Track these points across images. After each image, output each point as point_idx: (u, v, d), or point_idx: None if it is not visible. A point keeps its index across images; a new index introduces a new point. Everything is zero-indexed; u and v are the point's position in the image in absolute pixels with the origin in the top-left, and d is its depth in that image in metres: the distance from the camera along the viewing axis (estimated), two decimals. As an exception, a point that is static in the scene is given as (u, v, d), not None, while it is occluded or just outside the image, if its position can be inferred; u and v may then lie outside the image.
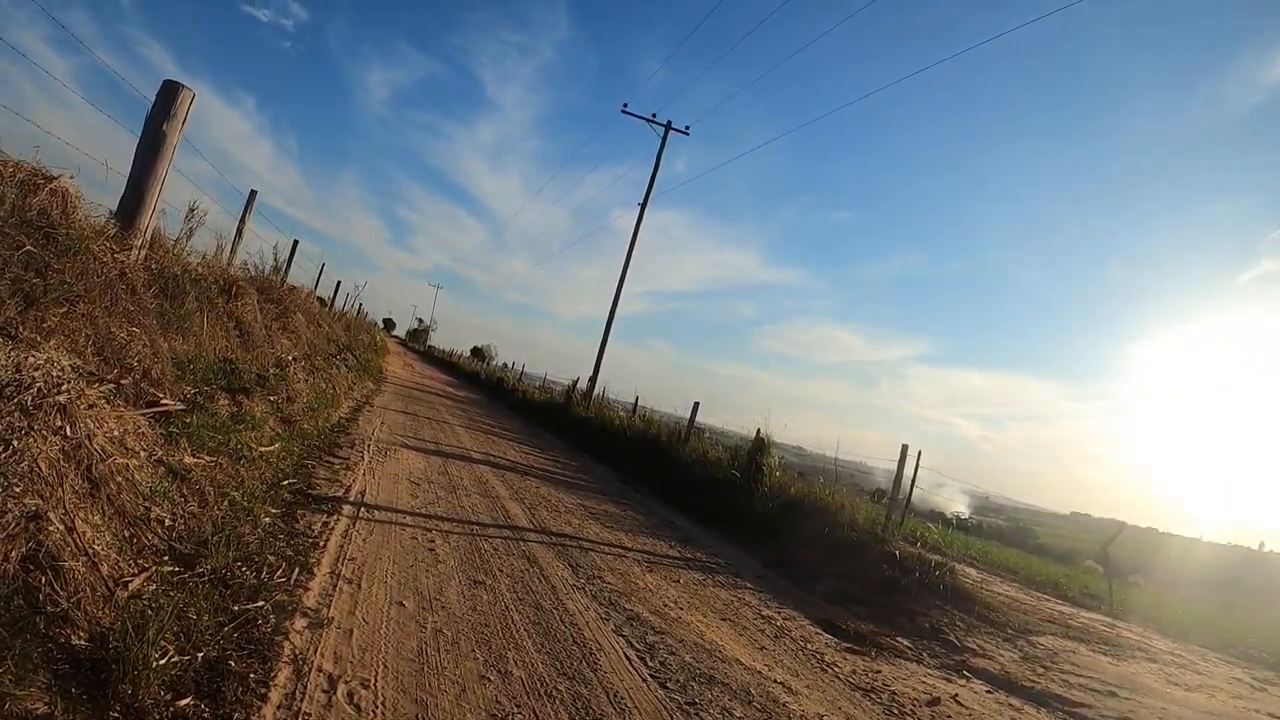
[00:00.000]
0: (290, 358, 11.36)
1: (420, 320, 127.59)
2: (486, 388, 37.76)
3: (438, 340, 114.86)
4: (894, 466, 11.79)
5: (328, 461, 7.49)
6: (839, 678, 5.16)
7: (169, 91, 6.81)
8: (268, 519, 4.99)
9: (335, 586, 4.27)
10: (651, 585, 6.32)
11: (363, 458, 8.19)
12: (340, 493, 6.35)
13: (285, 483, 6.06)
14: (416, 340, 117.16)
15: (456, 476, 8.88)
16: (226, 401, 6.90)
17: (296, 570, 4.28)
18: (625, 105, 28.31)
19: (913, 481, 11.25)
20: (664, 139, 27.88)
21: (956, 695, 5.34)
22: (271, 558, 4.33)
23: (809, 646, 5.76)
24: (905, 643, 6.56)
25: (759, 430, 13.61)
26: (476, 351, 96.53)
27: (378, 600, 4.26)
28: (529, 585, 5.29)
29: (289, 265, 15.18)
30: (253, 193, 11.77)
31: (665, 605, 5.78)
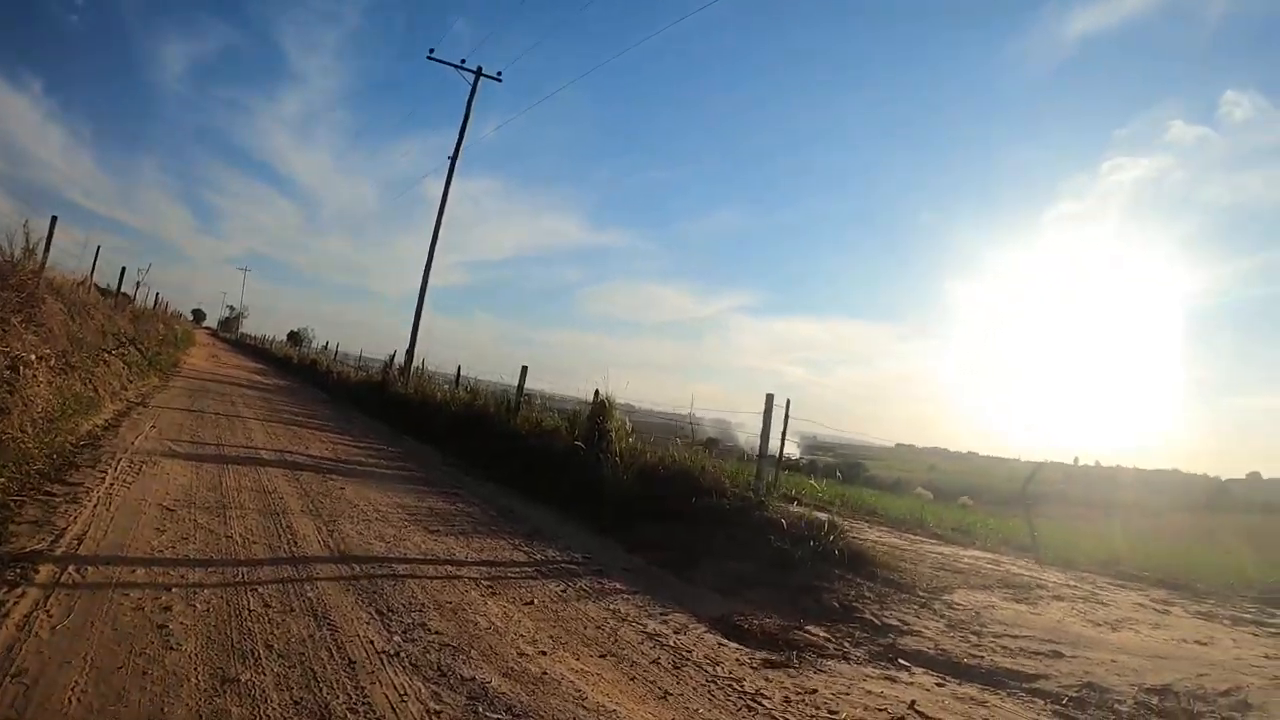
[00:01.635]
0: (33, 356, 9.38)
1: (231, 309, 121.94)
2: (299, 373, 35.28)
3: (253, 327, 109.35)
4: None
5: (47, 493, 5.72)
6: (774, 717, 4.00)
7: None
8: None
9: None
10: (498, 620, 4.89)
11: (103, 479, 6.46)
12: (44, 543, 4.63)
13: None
14: (229, 329, 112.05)
15: (232, 490, 7.16)
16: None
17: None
18: (431, 51, 25.98)
19: (783, 435, 10.19)
20: (474, 86, 25.91)
21: (914, 703, 4.38)
22: None
23: (720, 672, 4.60)
24: (821, 633, 5.60)
25: (597, 391, 12.39)
26: (293, 336, 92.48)
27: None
28: (312, 668, 3.65)
29: (47, 248, 12.84)
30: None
31: (521, 653, 4.37)
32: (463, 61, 26.15)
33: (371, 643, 4.10)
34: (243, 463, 8.61)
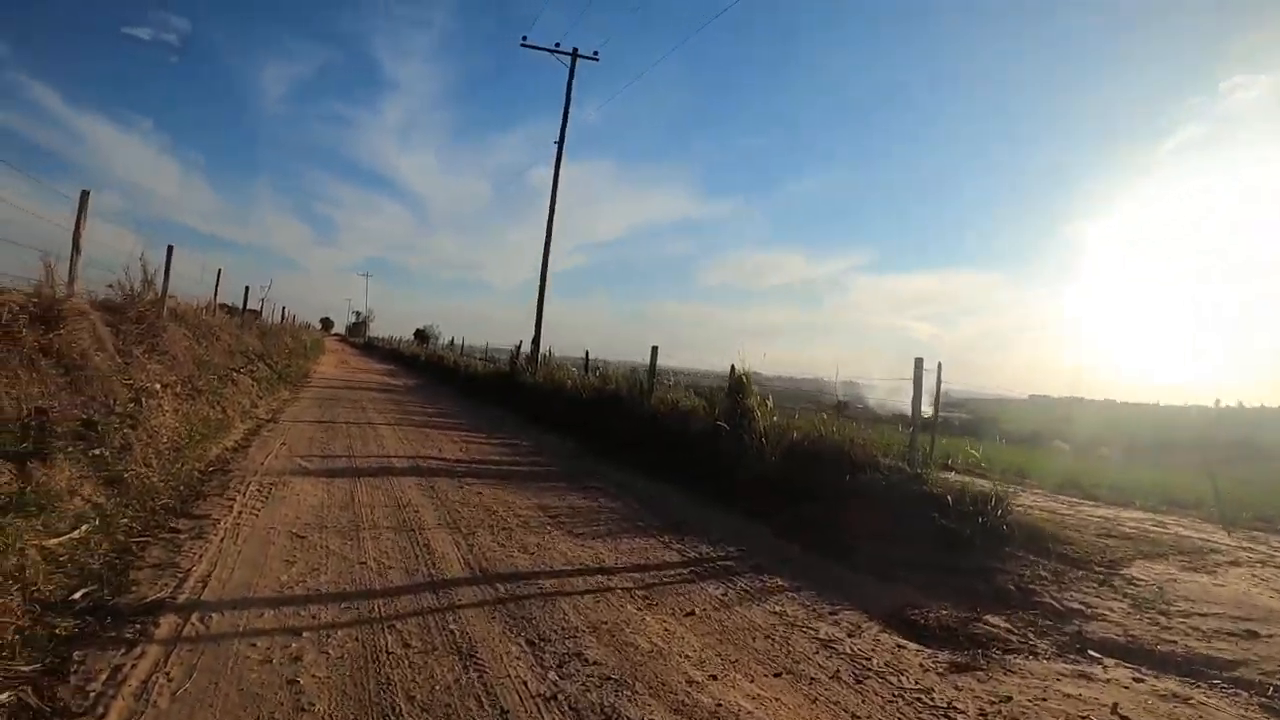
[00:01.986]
0: (158, 385, 9.23)
1: (357, 314, 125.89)
2: (428, 370, 35.48)
3: (379, 330, 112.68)
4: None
5: (172, 529, 5.37)
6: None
7: None
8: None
9: None
10: (659, 639, 4.30)
11: (230, 508, 6.11)
12: (166, 590, 4.23)
13: (79, 593, 4.03)
14: (356, 334, 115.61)
15: (365, 508, 6.72)
16: (7, 474, 4.85)
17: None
18: (524, 39, 25.45)
19: (936, 399, 9.36)
20: (572, 68, 25.30)
21: (1117, 706, 3.86)
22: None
23: (906, 682, 4.02)
24: (1002, 624, 5.06)
25: (733, 368, 11.73)
26: (419, 334, 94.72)
27: None
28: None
29: (167, 276, 12.83)
30: (84, 193, 9.42)
31: (690, 680, 3.78)
32: (557, 45, 25.57)
33: (525, 684, 3.54)
34: (375, 474, 8.23)
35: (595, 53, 25.79)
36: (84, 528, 4.82)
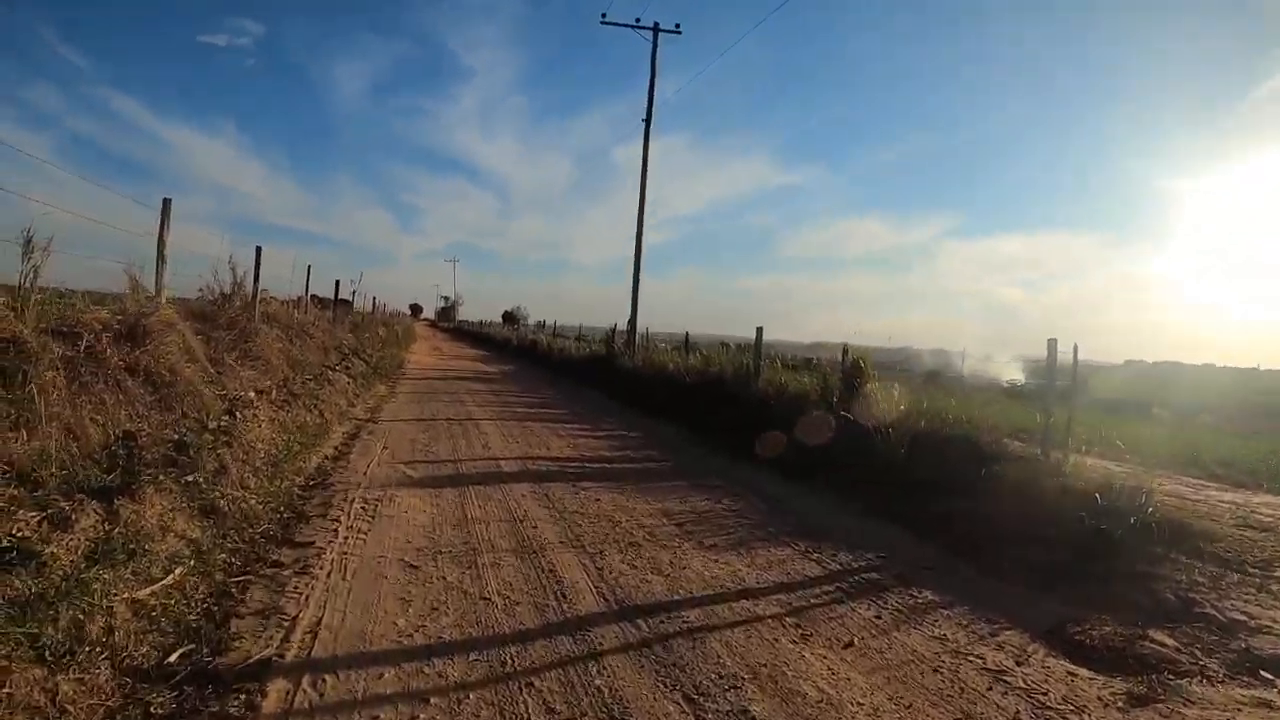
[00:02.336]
0: (252, 394, 8.85)
1: (445, 298, 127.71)
2: (520, 355, 35.20)
3: (467, 313, 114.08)
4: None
5: (275, 563, 4.87)
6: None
7: None
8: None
9: None
10: (824, 682, 3.71)
11: (336, 532, 5.59)
12: (273, 646, 3.69)
13: (176, 654, 3.52)
14: (446, 319, 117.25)
15: (478, 524, 6.13)
16: (94, 515, 4.38)
17: None
18: (604, 16, 24.66)
19: (1074, 379, 8.44)
20: (654, 42, 24.47)
21: None
22: None
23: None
24: (1170, 641, 4.54)
25: (846, 349, 10.98)
26: (508, 316, 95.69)
27: None
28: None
29: (256, 277, 12.52)
30: (166, 201, 9.05)
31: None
32: (637, 20, 24.77)
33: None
34: (483, 481, 7.65)
35: (677, 25, 24.94)
36: (178, 571, 4.33)
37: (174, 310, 8.20)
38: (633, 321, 23.25)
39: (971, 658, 4.17)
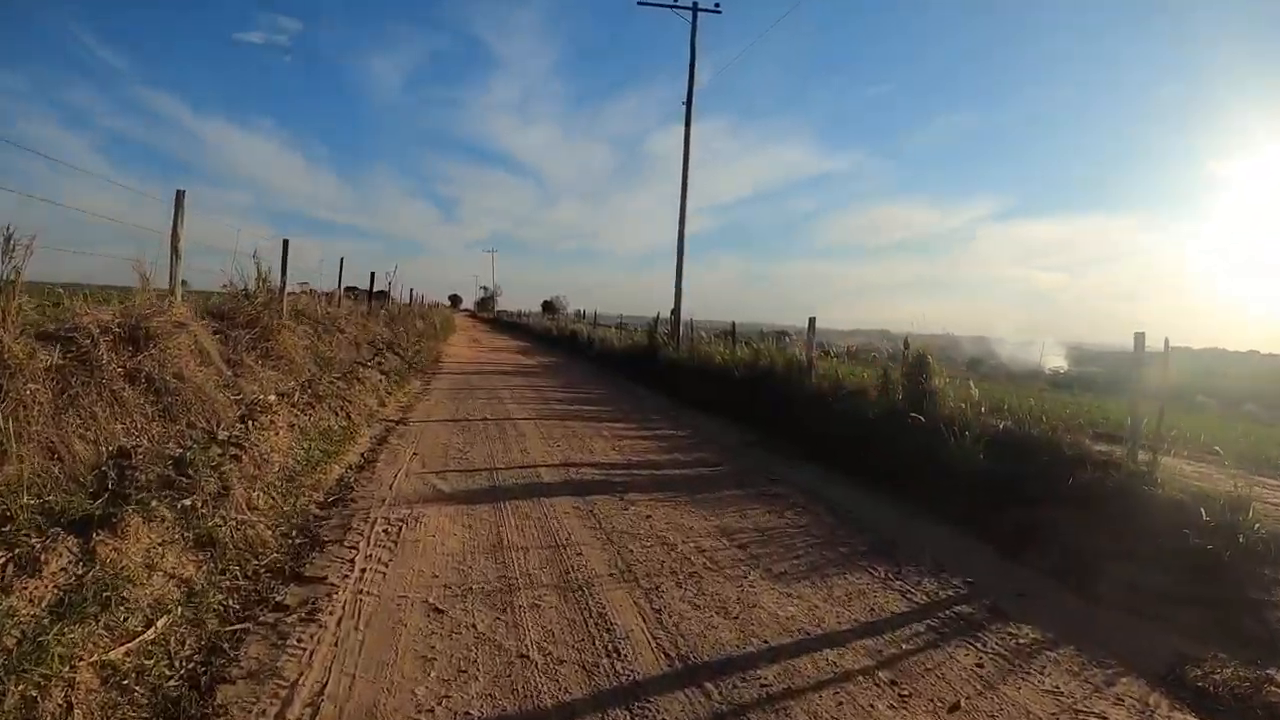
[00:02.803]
0: (273, 397, 8.21)
1: (484, 289, 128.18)
2: (560, 345, 34.61)
3: (507, 303, 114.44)
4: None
5: (278, 606, 4.17)
6: None
7: None
8: None
9: None
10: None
11: (352, 565, 4.88)
12: (259, 729, 3.03)
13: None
14: (485, 309, 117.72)
15: (517, 550, 5.37)
16: (67, 554, 3.73)
17: None
18: (640, -2, 23.83)
19: (1165, 378, 7.50)
20: (694, 23, 23.49)
21: None
22: None
23: None
24: None
25: (907, 341, 10.16)
26: (547, 305, 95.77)
27: None
28: None
29: (284, 272, 11.93)
30: (179, 193, 8.45)
31: None
32: (675, 0, 23.88)
33: None
34: (522, 495, 6.88)
35: (716, 4, 23.78)
36: (162, 621, 3.66)
37: (187, 308, 7.60)
38: (676, 310, 22.39)
39: (1093, 717, 3.50)
